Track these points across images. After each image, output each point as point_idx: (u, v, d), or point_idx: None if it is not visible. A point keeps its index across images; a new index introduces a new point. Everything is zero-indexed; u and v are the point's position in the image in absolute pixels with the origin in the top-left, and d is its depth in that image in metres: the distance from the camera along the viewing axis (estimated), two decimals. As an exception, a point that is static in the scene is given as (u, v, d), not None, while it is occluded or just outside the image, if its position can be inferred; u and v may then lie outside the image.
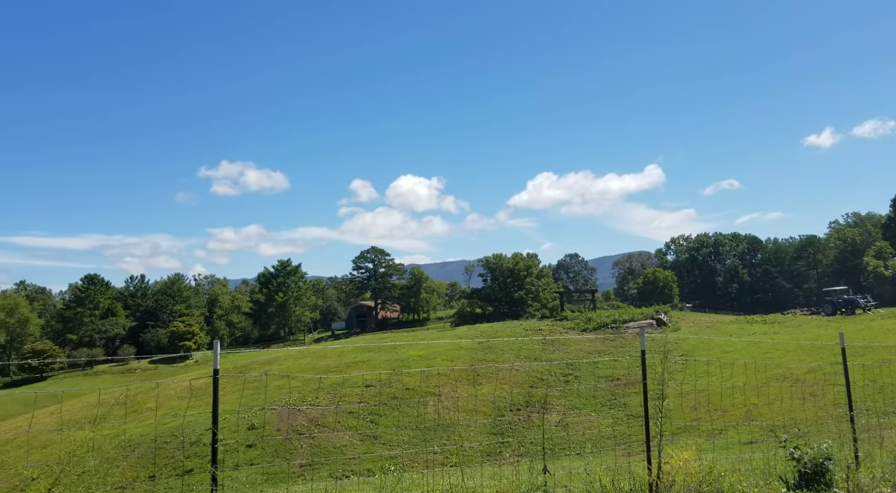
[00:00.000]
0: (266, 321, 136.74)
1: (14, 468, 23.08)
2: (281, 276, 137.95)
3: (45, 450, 35.72)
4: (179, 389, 49.48)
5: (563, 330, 57.89)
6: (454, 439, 31.93)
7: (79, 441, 7.23)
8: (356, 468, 27.94)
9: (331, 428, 34.33)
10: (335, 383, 40.62)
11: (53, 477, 7.16)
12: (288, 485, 10.88)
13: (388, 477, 11.13)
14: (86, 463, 7.19)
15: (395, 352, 51.08)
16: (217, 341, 9.13)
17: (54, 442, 36.96)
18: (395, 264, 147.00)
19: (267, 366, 55.90)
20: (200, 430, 33.31)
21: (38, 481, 7.42)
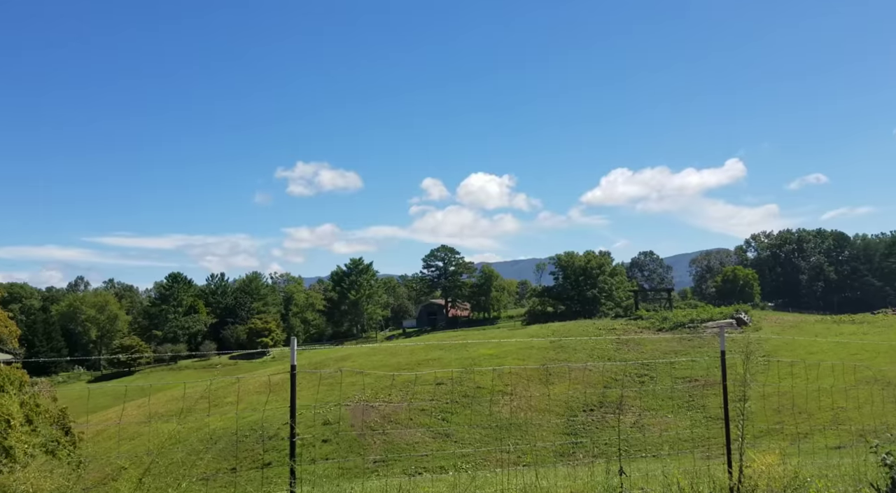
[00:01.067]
0: (339, 319, 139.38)
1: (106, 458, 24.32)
2: (353, 274, 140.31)
3: (133, 441, 37.47)
4: (258, 384, 51.02)
5: (637, 329, 56.75)
6: (527, 438, 31.75)
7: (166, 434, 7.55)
8: (428, 465, 28.15)
9: (403, 425, 34.70)
10: (407, 381, 41.03)
11: (143, 467, 7.48)
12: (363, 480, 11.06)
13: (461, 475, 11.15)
14: (173, 455, 7.47)
15: (466, 350, 51.17)
16: (294, 339, 9.36)
17: (142, 434, 38.73)
18: (465, 262, 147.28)
19: (340, 363, 57.00)
20: (278, 424, 34.26)
21: (128, 470, 7.76)
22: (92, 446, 34.82)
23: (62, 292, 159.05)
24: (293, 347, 8.90)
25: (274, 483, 22.41)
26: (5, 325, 27.20)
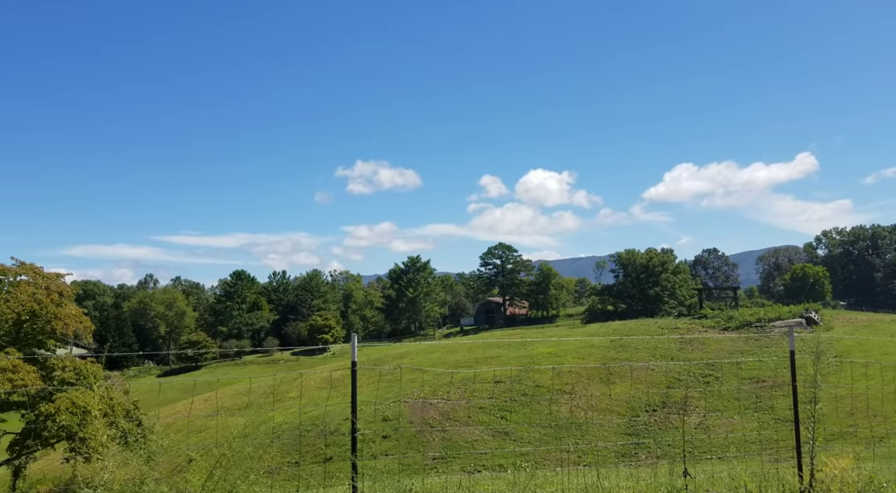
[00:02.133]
0: (397, 316, 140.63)
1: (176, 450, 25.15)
2: (411, 272, 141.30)
3: (201, 434, 38.65)
4: (319, 380, 51.95)
5: (702, 329, 55.42)
6: (587, 438, 31.41)
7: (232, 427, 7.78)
8: (487, 462, 28.16)
9: (462, 422, 34.79)
10: (466, 378, 41.10)
11: (213, 459, 7.72)
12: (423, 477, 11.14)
13: (520, 474, 11.11)
14: (240, 448, 7.69)
15: (525, 349, 50.92)
16: (354, 335, 9.48)
17: (209, 427, 39.91)
18: (522, 260, 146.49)
19: (399, 360, 57.48)
20: (339, 419, 34.81)
21: (198, 462, 8.02)
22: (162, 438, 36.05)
23: (133, 290, 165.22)
24: (354, 344, 8.98)
25: (336, 477, 22.79)
26: (80, 321, 28.38)
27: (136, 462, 8.05)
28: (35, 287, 27.28)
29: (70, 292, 29.38)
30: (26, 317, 26.42)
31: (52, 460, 31.00)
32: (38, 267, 28.91)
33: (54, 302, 27.17)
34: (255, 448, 7.67)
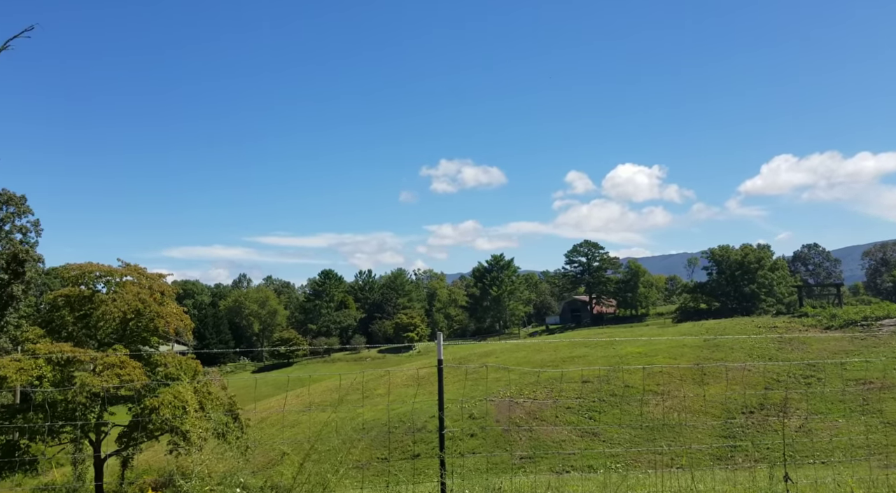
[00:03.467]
0: (481, 315, 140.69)
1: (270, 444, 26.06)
2: (494, 270, 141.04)
3: (294, 428, 39.84)
4: (405, 377, 52.57)
5: (802, 328, 52.68)
6: (680, 440, 30.41)
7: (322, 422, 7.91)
8: (576, 463, 27.69)
9: (549, 422, 34.37)
10: (552, 378, 40.60)
11: (304, 453, 7.84)
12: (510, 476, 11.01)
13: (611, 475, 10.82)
14: (331, 442, 7.78)
15: (613, 348, 49.84)
16: (440, 333, 9.44)
17: (301, 422, 41.11)
18: (609, 257, 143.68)
19: (484, 358, 57.40)
20: (425, 417, 35.09)
21: (290, 455, 8.17)
22: (257, 432, 37.40)
23: (228, 289, 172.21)
24: (439, 342, 8.95)
25: (424, 474, 22.96)
26: (181, 319, 29.71)
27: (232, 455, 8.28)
28: (139, 287, 28.76)
29: (171, 291, 30.81)
30: (131, 315, 27.89)
31: (156, 451, 32.62)
32: (141, 268, 30.48)
33: (157, 301, 28.57)
34: (344, 443, 7.74)
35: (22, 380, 23.29)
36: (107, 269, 29.55)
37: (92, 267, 29.46)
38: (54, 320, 28.51)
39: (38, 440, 25.77)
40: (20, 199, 56.01)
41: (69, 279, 29.56)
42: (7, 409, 27.64)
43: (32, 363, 23.84)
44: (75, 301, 28.44)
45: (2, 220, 55.42)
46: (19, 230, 56.48)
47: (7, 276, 51.39)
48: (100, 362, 24.59)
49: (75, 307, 28.36)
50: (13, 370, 23.51)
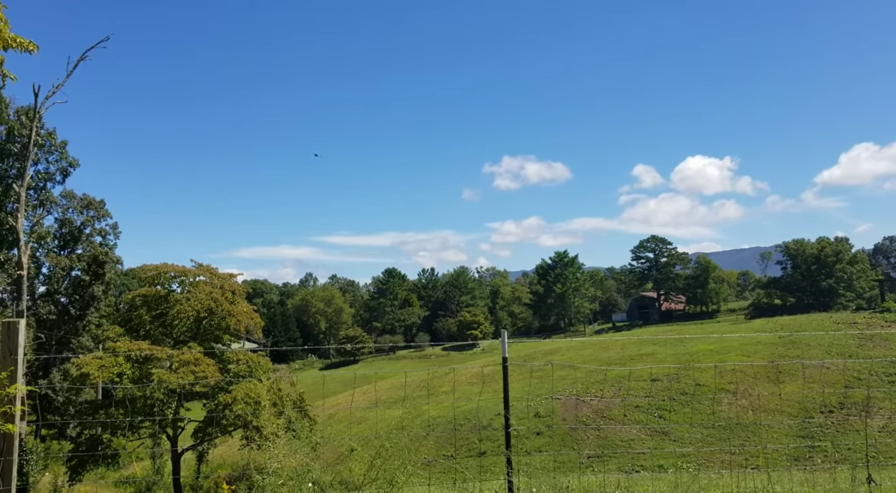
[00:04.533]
0: (546, 312, 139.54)
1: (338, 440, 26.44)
2: (558, 267, 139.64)
3: (361, 425, 40.37)
4: (469, 375, 52.61)
5: (884, 323, 50.25)
6: (755, 440, 29.41)
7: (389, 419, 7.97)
8: (646, 463, 27.12)
9: (617, 421, 33.78)
10: (620, 376, 39.90)
11: (373, 449, 7.89)
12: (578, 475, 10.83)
13: (682, 475, 10.50)
14: (398, 439, 7.80)
15: (683, 345, 48.65)
16: (504, 331, 9.34)
17: (368, 419, 41.62)
18: (677, 252, 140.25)
19: (549, 356, 56.90)
20: (490, 415, 35.00)
21: (358, 452, 8.22)
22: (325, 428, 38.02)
23: (295, 288, 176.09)
24: (504, 339, 8.86)
25: (490, 472, 22.90)
26: (251, 317, 30.48)
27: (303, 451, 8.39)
28: (211, 287, 29.65)
29: (241, 290, 31.64)
30: (205, 314, 28.76)
31: (230, 446, 33.58)
32: (213, 268, 31.40)
33: (228, 300, 29.39)
34: (412, 441, 7.75)
35: (103, 377, 24.31)
36: (181, 269, 30.57)
37: (167, 268, 30.52)
38: (133, 319, 29.66)
39: (119, 435, 26.87)
40: (99, 203, 58.52)
41: (146, 280, 30.71)
42: (90, 405, 28.94)
43: (113, 361, 24.85)
44: (152, 301, 29.51)
45: (83, 224, 58.04)
46: (99, 233, 59.02)
47: (88, 277, 53.79)
48: (176, 360, 25.45)
49: (152, 307, 29.43)
50: (95, 368, 24.57)
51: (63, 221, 57.25)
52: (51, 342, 51.31)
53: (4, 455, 4.90)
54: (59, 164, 52.99)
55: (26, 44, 8.06)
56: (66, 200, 56.99)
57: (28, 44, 8.09)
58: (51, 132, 51.58)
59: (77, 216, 57.88)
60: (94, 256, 54.76)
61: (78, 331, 52.08)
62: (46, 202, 53.91)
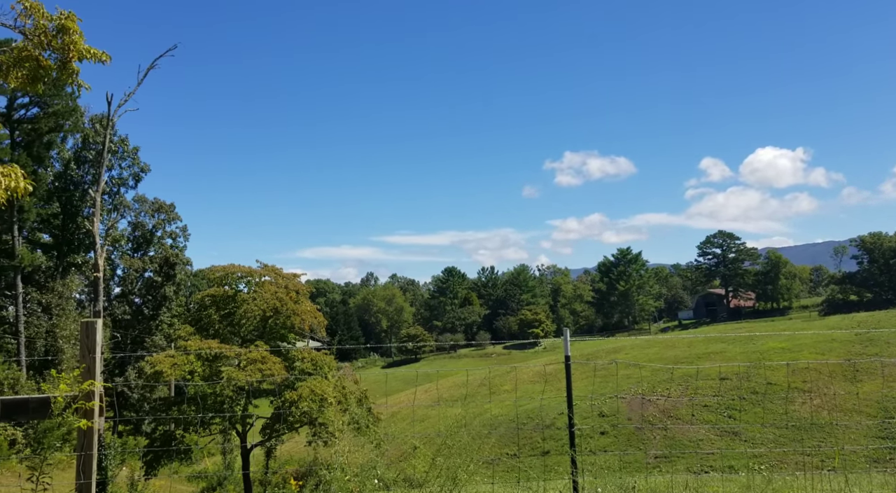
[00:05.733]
0: (608, 310, 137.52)
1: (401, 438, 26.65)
2: (621, 264, 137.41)
3: (423, 423, 40.57)
4: (531, 373, 52.30)
5: (971, 320, 47.60)
6: (830, 440, 28.25)
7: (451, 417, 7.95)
8: (715, 464, 26.42)
9: (684, 421, 32.99)
10: (687, 375, 38.96)
11: (435, 447, 7.90)
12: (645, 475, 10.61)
13: (755, 476, 10.16)
14: (460, 438, 7.78)
15: (753, 343, 47.18)
16: (567, 330, 9.23)
17: (430, 417, 41.80)
18: (746, 248, 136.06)
19: (613, 355, 56.05)
20: (554, 414, 34.68)
21: (422, 449, 8.25)
22: (389, 425, 38.43)
23: (357, 287, 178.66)
24: (566, 338, 8.77)
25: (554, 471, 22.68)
26: (315, 316, 31.03)
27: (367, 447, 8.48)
28: (276, 287, 30.31)
29: (305, 290, 32.25)
30: (270, 313, 29.43)
31: (297, 442, 34.25)
32: (278, 268, 32.11)
33: (293, 300, 30.00)
34: (473, 439, 7.72)
35: (176, 374, 25.16)
36: (247, 270, 31.36)
37: (234, 268, 31.36)
38: (202, 319, 30.59)
39: (191, 431, 27.76)
40: (170, 206, 60.67)
41: (214, 280, 31.63)
42: (164, 402, 29.98)
43: (184, 359, 25.69)
44: (220, 301, 30.36)
45: (154, 227, 60.28)
46: (169, 236, 61.24)
47: (160, 278, 55.84)
48: (244, 358, 26.12)
49: (220, 306, 30.28)
50: (168, 366, 25.45)
51: (136, 225, 59.61)
52: (126, 341, 53.49)
53: (84, 450, 5.09)
54: (131, 169, 55.24)
55: (100, 55, 8.39)
56: (139, 204, 59.34)
57: (101, 54, 8.42)
58: (123, 139, 53.78)
59: (149, 220, 60.21)
60: (166, 257, 56.82)
61: (151, 330, 54.13)
62: (120, 207, 56.23)
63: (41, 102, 43.98)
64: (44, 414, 5.03)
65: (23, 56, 7.99)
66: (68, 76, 8.19)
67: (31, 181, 6.99)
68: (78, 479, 5.08)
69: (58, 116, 45.52)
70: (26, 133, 45.07)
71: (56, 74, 8.19)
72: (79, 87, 8.54)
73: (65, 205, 48.73)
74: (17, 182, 6.68)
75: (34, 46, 7.88)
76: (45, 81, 8.37)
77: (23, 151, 43.96)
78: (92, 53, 8.21)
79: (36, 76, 8.17)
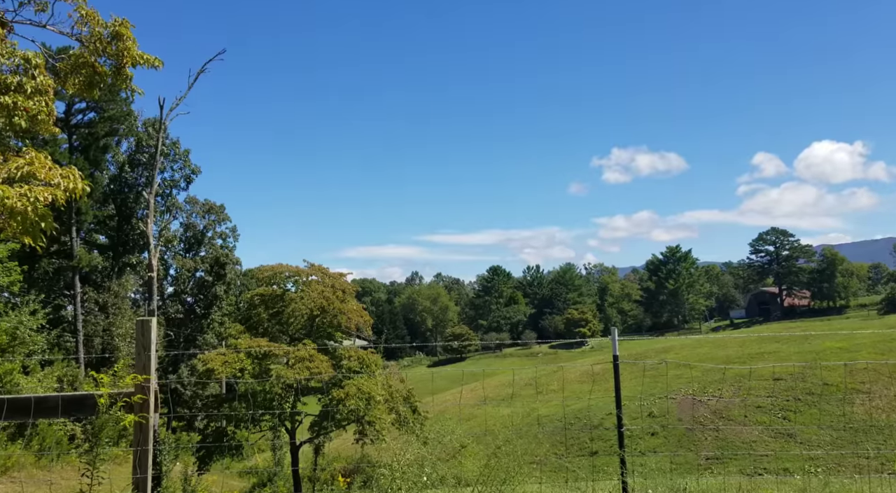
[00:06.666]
0: (657, 309, 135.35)
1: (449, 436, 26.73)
2: (670, 263, 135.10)
3: (470, 422, 40.58)
4: (579, 373, 51.81)
5: None
6: (890, 443, 27.28)
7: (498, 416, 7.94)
8: (769, 466, 25.76)
9: (737, 422, 32.25)
10: (739, 375, 38.08)
11: (483, 445, 7.87)
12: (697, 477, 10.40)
13: (811, 479, 9.86)
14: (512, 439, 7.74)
15: (808, 343, 45.85)
16: (615, 329, 9.12)
17: (477, 416, 41.79)
18: (801, 245, 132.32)
19: (662, 354, 55.15)
20: (602, 414, 34.28)
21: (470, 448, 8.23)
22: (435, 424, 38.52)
23: (402, 286, 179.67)
24: (614, 337, 8.68)
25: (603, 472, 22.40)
26: (361, 315, 31.28)
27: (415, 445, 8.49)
28: (323, 286, 30.66)
29: (351, 289, 32.54)
30: (317, 312, 29.79)
31: (345, 440, 34.61)
32: (324, 268, 32.47)
33: (339, 299, 30.30)
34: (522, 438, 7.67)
35: (227, 372, 25.67)
36: (294, 269, 31.80)
37: (282, 268, 31.84)
38: (252, 318, 31.14)
39: (242, 427, 28.30)
40: (220, 208, 61.94)
41: (263, 280, 32.16)
42: (215, 398, 30.64)
43: (235, 357, 26.19)
44: (269, 300, 30.85)
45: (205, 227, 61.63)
46: (220, 236, 62.52)
47: (211, 278, 57.10)
48: (292, 356, 26.50)
49: (269, 305, 30.76)
50: (219, 363, 25.98)
51: (187, 226, 61.04)
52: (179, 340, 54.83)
53: (140, 445, 5.21)
54: (182, 171, 56.57)
55: (152, 60, 8.60)
56: (190, 206, 60.75)
57: (154, 60, 8.63)
58: (175, 142, 55.11)
59: (200, 220, 61.59)
60: (216, 257, 58.07)
61: (203, 329, 55.39)
62: (172, 208, 57.66)
63: (97, 107, 45.38)
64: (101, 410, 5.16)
65: (79, 63, 8.25)
66: (122, 82, 8.43)
67: (88, 183, 7.19)
68: (134, 473, 5.20)
69: (113, 121, 46.94)
70: (83, 137, 46.59)
71: (111, 80, 8.44)
72: (132, 92, 8.77)
73: (120, 207, 50.20)
74: (75, 184, 6.89)
75: (90, 53, 8.13)
76: (101, 87, 8.62)
77: (80, 154, 45.46)
78: (145, 59, 8.42)
79: (92, 82, 8.43)
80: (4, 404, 5.18)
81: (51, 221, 6.88)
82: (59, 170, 6.86)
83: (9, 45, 7.42)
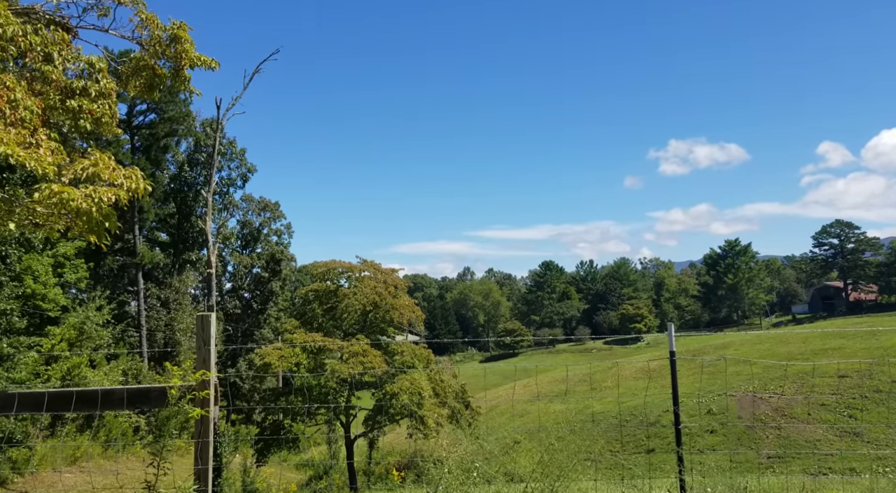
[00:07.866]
0: (716, 304, 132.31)
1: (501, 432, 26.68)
2: (729, 257, 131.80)
3: (523, 418, 40.44)
4: (634, 369, 51.04)
5: None
6: (967, 445, 26.06)
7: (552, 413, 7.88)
8: (835, 465, 24.91)
9: (799, 420, 31.28)
10: (802, 372, 36.92)
11: (536, 441, 7.82)
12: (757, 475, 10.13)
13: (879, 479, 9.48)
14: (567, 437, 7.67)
15: (875, 339, 44.10)
16: (671, 324, 8.92)
17: (530, 412, 41.62)
18: (867, 238, 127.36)
19: (721, 351, 53.85)
20: (658, 411, 33.72)
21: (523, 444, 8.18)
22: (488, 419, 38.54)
23: (453, 281, 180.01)
24: (671, 333, 8.51)
25: (660, 469, 22.03)
26: (413, 311, 31.46)
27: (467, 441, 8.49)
28: (376, 281, 30.95)
29: (403, 285, 32.73)
30: (370, 308, 30.09)
31: (398, 434, 34.94)
32: (377, 263, 32.77)
33: (391, 294, 30.54)
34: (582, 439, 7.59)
35: (283, 366, 26.17)
36: (347, 265, 32.18)
37: (335, 264, 32.26)
38: (306, 313, 31.66)
39: (298, 421, 28.81)
40: (275, 205, 63.21)
41: (317, 276, 32.64)
42: (272, 392, 31.25)
43: (291, 352, 26.67)
44: (323, 295, 31.30)
45: (261, 225, 62.98)
46: (275, 233, 63.81)
47: (267, 274, 58.33)
48: (346, 351, 26.84)
49: (323, 301, 31.21)
50: (276, 358, 26.51)
51: (244, 223, 62.49)
52: (237, 334, 56.21)
53: (202, 437, 5.34)
54: (239, 170, 57.89)
55: (209, 62, 8.79)
56: (246, 204, 62.18)
57: (210, 61, 8.82)
58: (231, 141, 56.42)
59: (256, 218, 62.99)
60: (272, 254, 59.30)
61: (259, 324, 56.65)
62: (230, 206, 59.07)
63: (157, 108, 46.80)
64: (164, 403, 5.32)
65: (140, 66, 8.50)
66: (181, 83, 8.65)
67: (149, 183, 7.41)
68: (196, 465, 5.34)
69: (172, 122, 48.35)
70: (144, 138, 48.13)
71: (170, 82, 8.67)
72: (191, 93, 9.00)
73: (179, 205, 51.70)
74: (137, 183, 7.10)
75: (150, 56, 8.37)
76: (161, 89, 8.88)
77: (142, 155, 47.00)
78: (202, 61, 8.62)
79: (152, 84, 8.68)
80: (73, 395, 5.39)
81: (114, 220, 7.10)
82: (122, 170, 7.08)
83: (74, 50, 7.69)
